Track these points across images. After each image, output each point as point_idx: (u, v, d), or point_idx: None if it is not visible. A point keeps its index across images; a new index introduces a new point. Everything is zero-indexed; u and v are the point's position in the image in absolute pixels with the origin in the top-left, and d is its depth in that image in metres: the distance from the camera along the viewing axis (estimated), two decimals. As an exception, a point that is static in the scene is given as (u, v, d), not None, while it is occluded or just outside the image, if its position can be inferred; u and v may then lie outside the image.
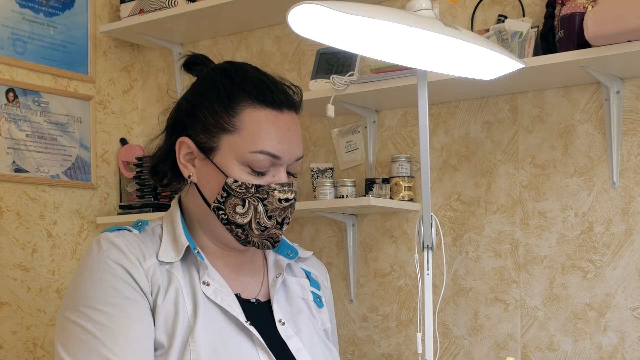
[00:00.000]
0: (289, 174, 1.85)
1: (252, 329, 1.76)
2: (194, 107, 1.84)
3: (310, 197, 3.34)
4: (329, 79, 3.03)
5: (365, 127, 3.27)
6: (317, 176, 3.26)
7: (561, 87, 2.89)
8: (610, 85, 2.74)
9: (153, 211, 3.56)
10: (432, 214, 2.44)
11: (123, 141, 3.86)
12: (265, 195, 1.79)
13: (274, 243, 1.85)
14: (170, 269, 1.78)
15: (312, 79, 3.15)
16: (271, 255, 1.98)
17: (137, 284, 1.72)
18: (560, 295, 2.87)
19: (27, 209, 3.50)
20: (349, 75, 3.00)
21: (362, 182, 3.18)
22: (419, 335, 2.55)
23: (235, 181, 1.78)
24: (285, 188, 1.80)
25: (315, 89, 3.11)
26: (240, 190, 1.78)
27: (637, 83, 2.75)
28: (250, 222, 1.79)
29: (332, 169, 3.29)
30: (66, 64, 3.68)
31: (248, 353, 1.74)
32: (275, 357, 1.76)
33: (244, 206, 1.79)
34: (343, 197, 3.09)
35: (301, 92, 1.92)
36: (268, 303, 1.89)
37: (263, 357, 1.75)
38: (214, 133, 1.81)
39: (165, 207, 3.48)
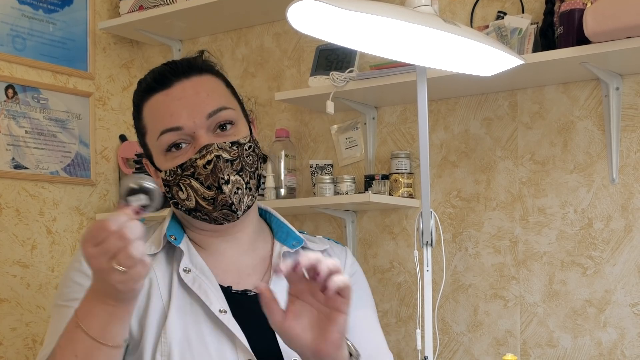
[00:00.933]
0: (222, 128, 1.79)
1: (223, 317, 1.72)
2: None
3: (309, 193, 3.35)
4: (328, 75, 3.03)
5: (365, 124, 3.27)
6: (317, 173, 3.26)
7: (561, 83, 2.89)
8: (609, 82, 2.74)
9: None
10: (431, 210, 2.44)
11: (122, 138, 3.86)
12: (192, 170, 1.75)
13: (232, 207, 1.77)
14: (151, 263, 1.77)
15: (311, 75, 3.15)
16: (277, 247, 1.92)
17: None
18: (560, 291, 2.87)
19: (27, 206, 3.50)
20: (348, 72, 3.00)
21: (361, 179, 3.18)
22: (418, 331, 2.55)
23: (166, 172, 1.78)
24: (204, 152, 1.74)
25: (314, 85, 3.11)
26: (171, 178, 1.77)
27: (637, 79, 2.75)
28: (197, 201, 1.77)
29: (331, 165, 3.29)
30: (65, 61, 3.68)
31: (223, 344, 1.71)
32: (261, 350, 1.73)
33: (182, 190, 1.77)
34: (342, 194, 3.09)
35: (202, 53, 1.91)
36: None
37: (240, 348, 1.71)
38: (142, 142, 1.86)
39: (164, 204, 3.48)
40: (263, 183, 3.21)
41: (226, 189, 1.75)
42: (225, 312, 1.74)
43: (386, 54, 2.10)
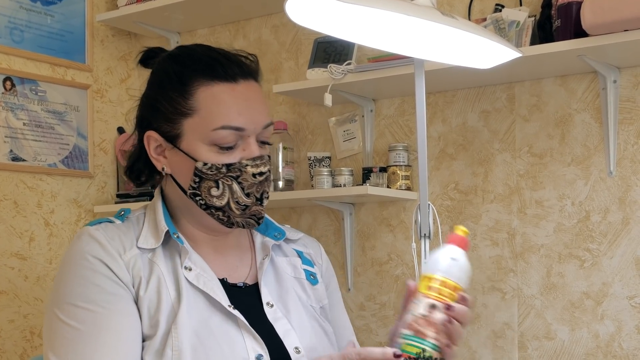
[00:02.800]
0: (262, 143, 1.81)
1: (236, 312, 1.73)
2: (152, 99, 1.83)
3: (307, 186, 3.35)
4: (326, 67, 3.03)
5: (363, 116, 3.28)
6: (315, 165, 3.26)
7: (558, 76, 2.89)
8: (607, 75, 2.74)
9: (150, 200, 3.54)
10: (429, 202, 2.44)
11: (120, 130, 3.86)
12: (238, 173, 1.75)
13: (258, 220, 1.81)
14: (152, 258, 1.76)
15: (309, 68, 3.15)
16: (258, 237, 1.94)
17: (118, 277, 1.70)
18: (557, 284, 2.87)
19: (25, 198, 3.50)
20: (346, 64, 3.00)
21: (359, 171, 3.19)
22: (416, 323, 2.55)
23: (205, 164, 1.75)
24: (258, 162, 1.76)
25: (312, 78, 3.11)
26: (211, 173, 1.75)
27: (634, 72, 2.75)
28: (228, 202, 1.76)
29: (329, 157, 3.29)
30: (63, 53, 3.67)
31: (233, 338, 1.72)
32: (263, 341, 1.74)
33: (218, 188, 1.76)
34: (340, 186, 3.09)
35: (257, 59, 1.89)
36: (256, 286, 1.85)
37: (249, 340, 1.72)
38: (174, 120, 1.78)
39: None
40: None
41: (265, 202, 1.81)
42: (233, 307, 1.75)
43: (384, 46, 2.10)
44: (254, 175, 1.76)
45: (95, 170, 3.77)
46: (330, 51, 3.13)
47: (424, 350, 1.51)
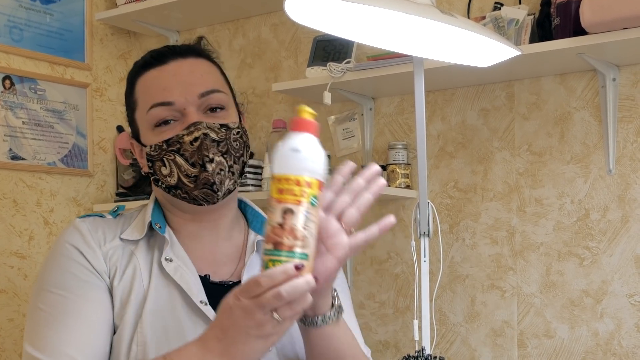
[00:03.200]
0: (212, 111, 1.78)
1: (205, 309, 1.71)
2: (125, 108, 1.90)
3: (307, 184, 3.34)
4: (325, 66, 3.03)
5: (362, 115, 3.28)
6: (314, 163, 3.26)
7: (557, 74, 2.89)
8: (606, 73, 2.74)
9: (149, 198, 3.54)
10: (428, 201, 2.44)
11: (120, 129, 3.86)
12: (178, 145, 1.73)
13: (213, 187, 1.74)
14: (134, 250, 1.76)
15: (308, 66, 3.15)
16: (252, 236, 1.90)
17: (93, 266, 1.70)
18: (557, 282, 2.87)
19: (24, 197, 3.50)
20: (345, 63, 3.00)
21: (358, 170, 3.18)
22: (415, 322, 2.55)
23: (151, 146, 1.77)
24: (192, 129, 1.72)
25: (311, 76, 3.11)
26: (155, 153, 1.76)
27: (633, 70, 2.75)
28: (179, 178, 1.75)
29: (328, 156, 3.28)
30: (63, 52, 3.67)
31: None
32: None
33: (165, 166, 1.76)
34: (340, 185, 3.09)
35: (200, 39, 1.93)
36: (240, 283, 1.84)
37: None
38: (131, 119, 1.84)
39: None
40: (253, 173, 3.22)
41: (210, 167, 1.72)
42: (206, 304, 1.72)
43: (383, 44, 2.10)
44: (190, 142, 1.72)
45: (94, 169, 3.77)
46: (329, 49, 3.13)
47: (283, 262, 1.35)
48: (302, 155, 1.41)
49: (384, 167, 3.11)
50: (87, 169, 3.73)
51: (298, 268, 1.34)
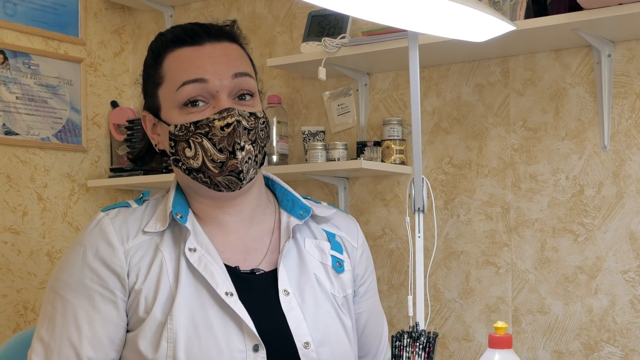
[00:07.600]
0: (241, 98, 1.77)
1: (230, 300, 1.68)
2: (142, 80, 1.86)
3: (301, 160, 3.34)
4: (320, 41, 3.02)
5: (357, 90, 3.27)
6: (309, 139, 3.26)
7: (553, 50, 2.88)
8: (601, 49, 2.73)
9: (144, 174, 3.54)
10: (423, 176, 2.45)
11: (114, 104, 3.85)
12: (207, 129, 1.70)
13: (239, 175, 1.73)
14: (159, 243, 1.73)
15: (303, 41, 3.14)
16: (284, 217, 1.87)
17: (107, 269, 1.69)
18: (551, 258, 2.88)
19: (18, 172, 3.49)
20: (340, 38, 2.99)
21: (353, 145, 3.18)
22: (410, 298, 2.56)
23: (176, 126, 1.73)
24: (224, 114, 1.70)
25: (306, 51, 3.10)
26: (181, 133, 1.72)
27: (628, 46, 2.75)
28: (204, 162, 1.72)
29: (323, 132, 3.28)
30: (56, 26, 3.66)
31: (230, 328, 1.67)
32: (270, 333, 1.69)
33: (190, 148, 1.72)
34: (334, 160, 3.09)
35: (234, 23, 1.90)
36: (275, 272, 1.78)
37: (247, 332, 1.67)
38: (153, 93, 1.80)
39: (155, 171, 3.46)
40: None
41: (240, 155, 1.71)
42: (232, 294, 1.69)
43: (378, 19, 2.09)
44: (221, 128, 1.70)
45: (88, 144, 3.76)
46: (324, 25, 3.12)
47: None
48: None
49: (378, 143, 3.10)
50: (81, 145, 3.72)
51: None
